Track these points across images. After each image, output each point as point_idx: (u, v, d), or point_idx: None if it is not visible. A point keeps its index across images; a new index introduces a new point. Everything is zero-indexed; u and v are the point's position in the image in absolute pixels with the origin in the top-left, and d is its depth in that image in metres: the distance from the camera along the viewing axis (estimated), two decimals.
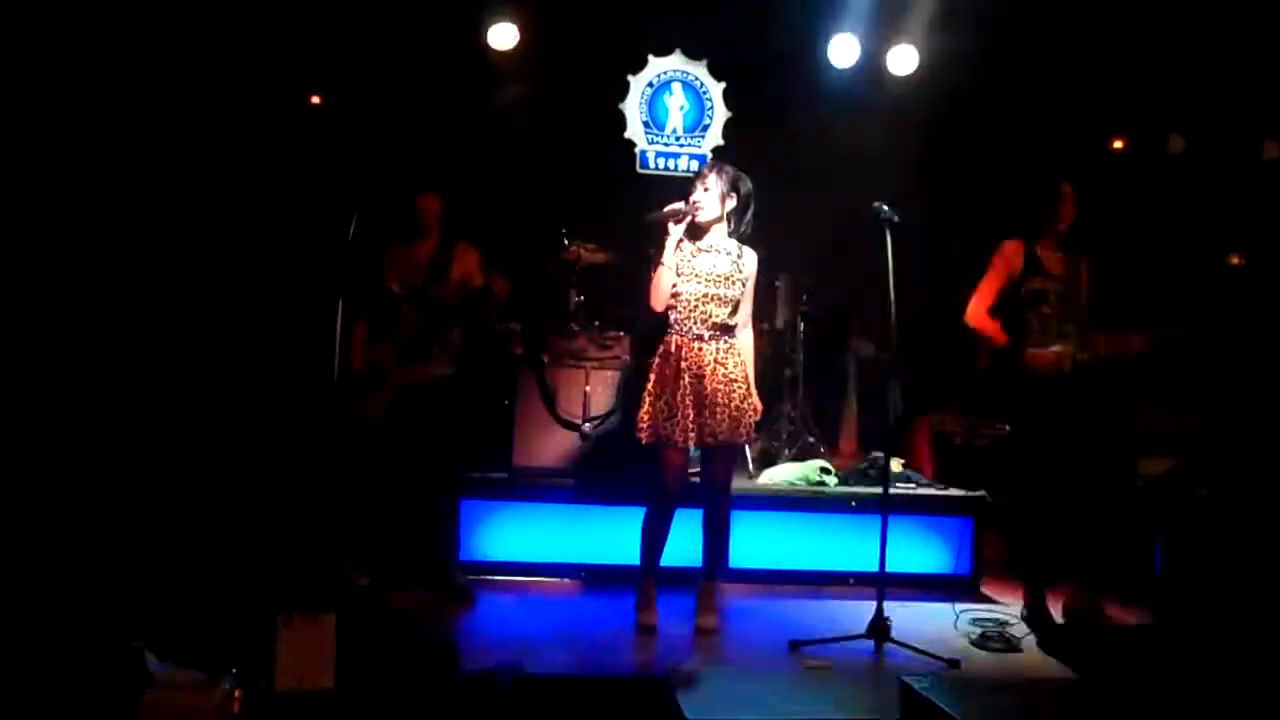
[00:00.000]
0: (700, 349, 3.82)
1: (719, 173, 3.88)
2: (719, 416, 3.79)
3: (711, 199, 3.83)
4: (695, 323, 3.83)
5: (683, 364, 3.80)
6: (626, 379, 5.00)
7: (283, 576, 3.86)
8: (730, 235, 3.90)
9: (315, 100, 5.93)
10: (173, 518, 4.31)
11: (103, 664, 2.91)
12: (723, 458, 3.91)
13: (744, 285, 3.89)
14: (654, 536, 3.91)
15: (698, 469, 4.08)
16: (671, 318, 3.86)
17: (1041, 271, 4.20)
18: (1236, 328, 5.62)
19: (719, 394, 3.80)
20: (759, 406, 3.96)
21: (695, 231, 3.85)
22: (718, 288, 3.83)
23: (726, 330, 3.87)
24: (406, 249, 4.27)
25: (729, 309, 3.86)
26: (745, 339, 3.98)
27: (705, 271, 3.83)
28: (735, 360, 3.87)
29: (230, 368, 5.29)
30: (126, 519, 4.26)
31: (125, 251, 5.20)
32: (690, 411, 3.77)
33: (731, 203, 3.86)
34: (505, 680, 3.03)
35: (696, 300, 3.82)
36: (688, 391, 3.78)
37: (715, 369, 3.81)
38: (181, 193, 5.44)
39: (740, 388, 3.85)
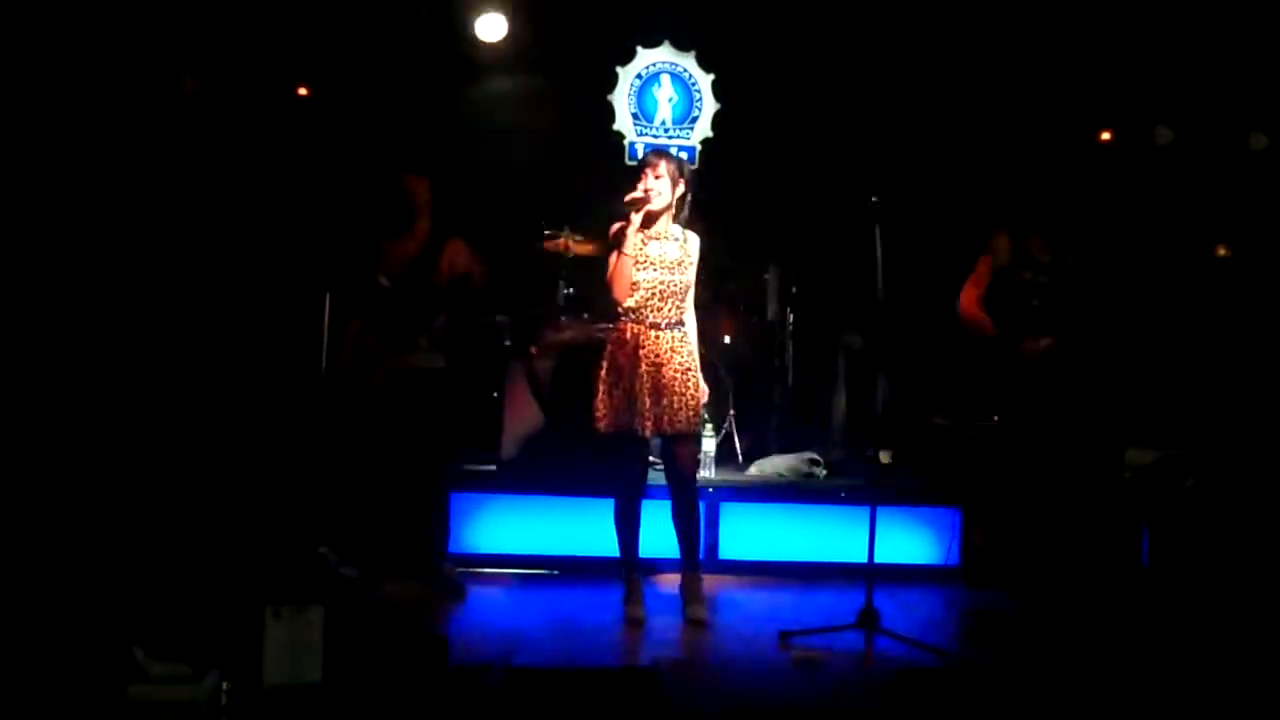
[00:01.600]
0: (657, 337, 3.84)
1: (668, 159, 3.92)
2: (676, 406, 3.82)
3: (665, 186, 3.85)
4: (651, 311, 3.85)
5: (640, 352, 3.82)
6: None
7: (271, 569, 3.85)
8: (674, 221, 3.92)
9: (302, 92, 5.90)
10: (160, 511, 4.29)
11: (89, 658, 2.90)
12: (684, 446, 3.91)
13: (692, 269, 3.93)
14: (628, 528, 3.93)
15: (657, 461, 4.10)
16: (627, 305, 3.86)
17: (1030, 264, 4.22)
18: (1224, 319, 5.64)
19: (675, 383, 3.83)
20: (706, 392, 3.99)
21: (645, 220, 3.86)
22: (672, 274, 3.86)
23: (679, 318, 3.91)
24: (396, 241, 4.24)
25: (682, 295, 3.90)
26: (691, 324, 4.00)
27: (658, 259, 3.85)
28: (688, 349, 3.92)
29: (218, 361, 5.27)
30: (114, 512, 4.24)
31: (112, 245, 5.17)
32: (647, 400, 3.79)
33: (680, 188, 3.89)
34: (495, 673, 3.03)
35: (653, 288, 3.84)
36: (645, 380, 3.80)
37: (671, 357, 3.84)
38: (169, 188, 5.41)
39: (693, 377, 3.89)
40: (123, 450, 4.60)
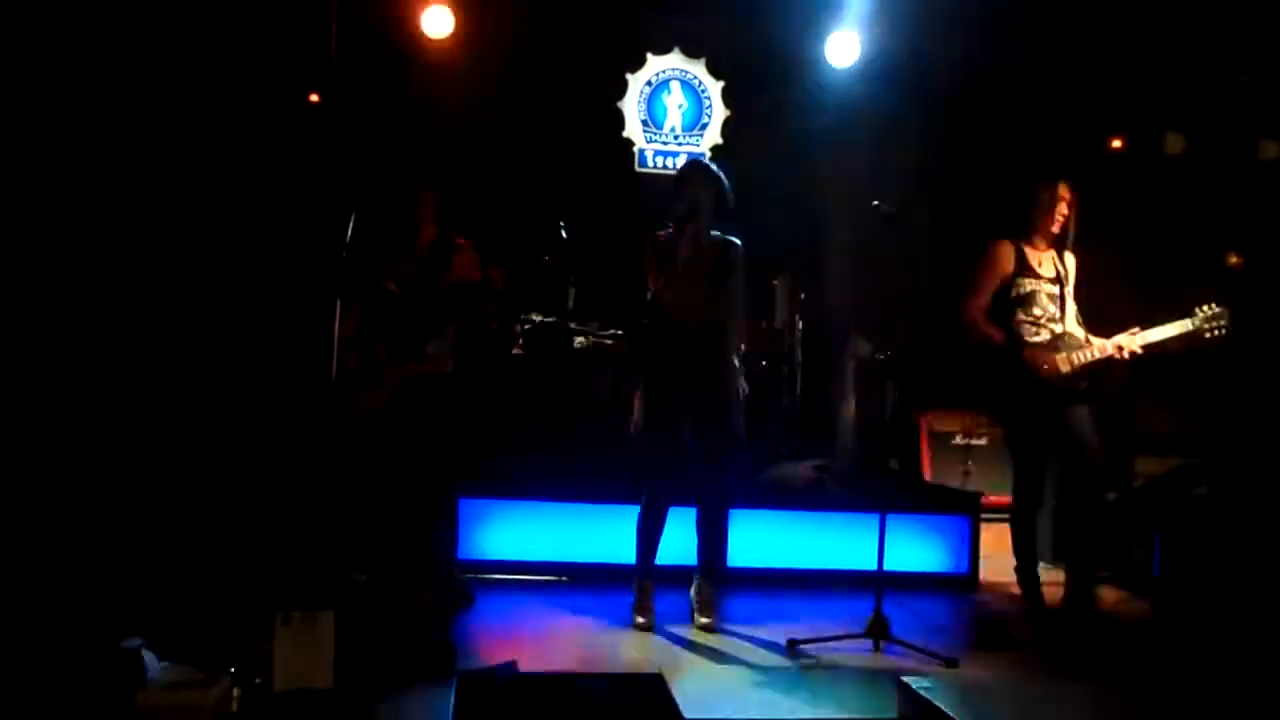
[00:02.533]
0: (697, 343, 3.83)
1: (705, 170, 3.95)
2: (714, 411, 3.81)
3: (706, 197, 3.86)
4: (692, 317, 3.84)
5: (680, 358, 3.82)
6: (622, 375, 5.00)
7: (281, 574, 3.85)
8: (709, 229, 3.91)
9: (314, 98, 5.92)
10: (171, 515, 4.30)
11: (96, 664, 2.90)
12: (720, 453, 3.91)
13: (735, 275, 3.90)
14: (649, 534, 3.93)
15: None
16: (667, 313, 3.86)
17: (1031, 272, 4.21)
18: (1234, 327, 5.61)
19: (714, 390, 3.82)
20: (747, 391, 3.96)
21: (683, 230, 3.85)
22: (711, 283, 3.85)
23: (722, 326, 3.89)
24: (403, 246, 4.26)
25: (723, 303, 3.88)
26: (732, 330, 3.98)
27: (697, 267, 3.83)
28: (728, 354, 3.90)
29: (228, 366, 5.29)
30: (124, 516, 4.25)
31: (123, 249, 5.18)
32: (685, 406, 3.79)
33: (714, 199, 3.88)
34: (502, 679, 3.03)
35: (692, 298, 3.83)
36: (683, 386, 3.81)
37: (710, 364, 3.83)
38: (179, 193, 5.43)
39: (733, 382, 3.87)
40: (134, 455, 4.62)
